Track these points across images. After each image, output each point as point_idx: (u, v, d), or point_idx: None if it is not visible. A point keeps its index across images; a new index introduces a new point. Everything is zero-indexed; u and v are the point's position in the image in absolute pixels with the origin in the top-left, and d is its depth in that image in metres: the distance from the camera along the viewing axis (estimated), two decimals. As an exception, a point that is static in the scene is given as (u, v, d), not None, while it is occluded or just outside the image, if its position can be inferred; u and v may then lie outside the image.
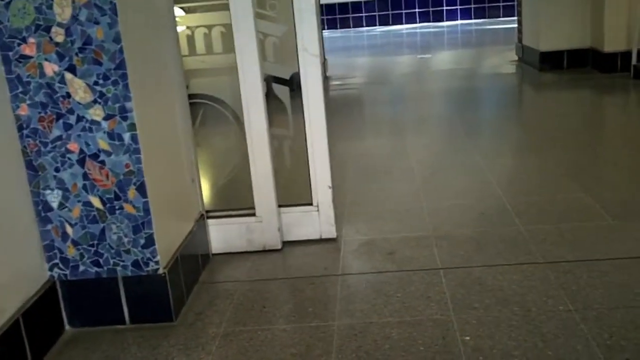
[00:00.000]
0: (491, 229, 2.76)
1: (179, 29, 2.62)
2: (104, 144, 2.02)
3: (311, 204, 2.78)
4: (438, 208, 3.06)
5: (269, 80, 2.77)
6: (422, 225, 2.87)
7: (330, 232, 2.79)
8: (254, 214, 2.73)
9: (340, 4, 10.76)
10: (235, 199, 2.88)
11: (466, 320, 2.02)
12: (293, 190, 2.85)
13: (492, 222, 2.83)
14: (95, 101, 1.98)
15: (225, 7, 2.54)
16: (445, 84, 6.60)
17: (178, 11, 2.65)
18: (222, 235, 2.72)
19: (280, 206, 2.76)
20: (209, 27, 2.71)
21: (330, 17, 10.59)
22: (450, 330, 1.97)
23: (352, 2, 10.81)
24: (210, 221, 2.71)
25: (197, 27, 2.71)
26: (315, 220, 2.78)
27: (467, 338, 1.92)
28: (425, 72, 7.56)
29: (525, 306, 2.08)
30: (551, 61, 6.26)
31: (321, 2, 7.05)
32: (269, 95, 2.74)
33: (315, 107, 2.65)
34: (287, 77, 2.81)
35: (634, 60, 5.63)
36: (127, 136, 2.01)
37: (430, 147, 4.25)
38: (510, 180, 3.44)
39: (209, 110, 2.80)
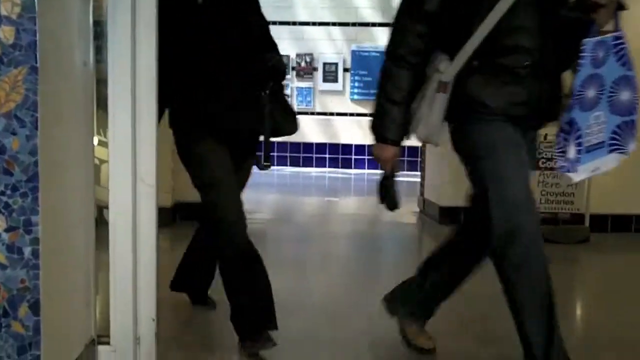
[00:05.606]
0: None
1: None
2: (1, 257, 1.94)
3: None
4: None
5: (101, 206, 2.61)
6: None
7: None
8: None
9: (253, 142, 11.07)
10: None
11: None
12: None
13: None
14: (-1, 212, 1.93)
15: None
16: (350, 228, 6.79)
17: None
18: (111, 363, 2.58)
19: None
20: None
21: (242, 153, 10.84)
22: None
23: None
24: (101, 347, 2.58)
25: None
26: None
27: None
28: (331, 214, 7.76)
29: None
30: (450, 215, 6.58)
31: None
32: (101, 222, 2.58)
33: (146, 242, 2.51)
34: None
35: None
36: (27, 250, 1.94)
37: (332, 287, 4.30)
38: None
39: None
